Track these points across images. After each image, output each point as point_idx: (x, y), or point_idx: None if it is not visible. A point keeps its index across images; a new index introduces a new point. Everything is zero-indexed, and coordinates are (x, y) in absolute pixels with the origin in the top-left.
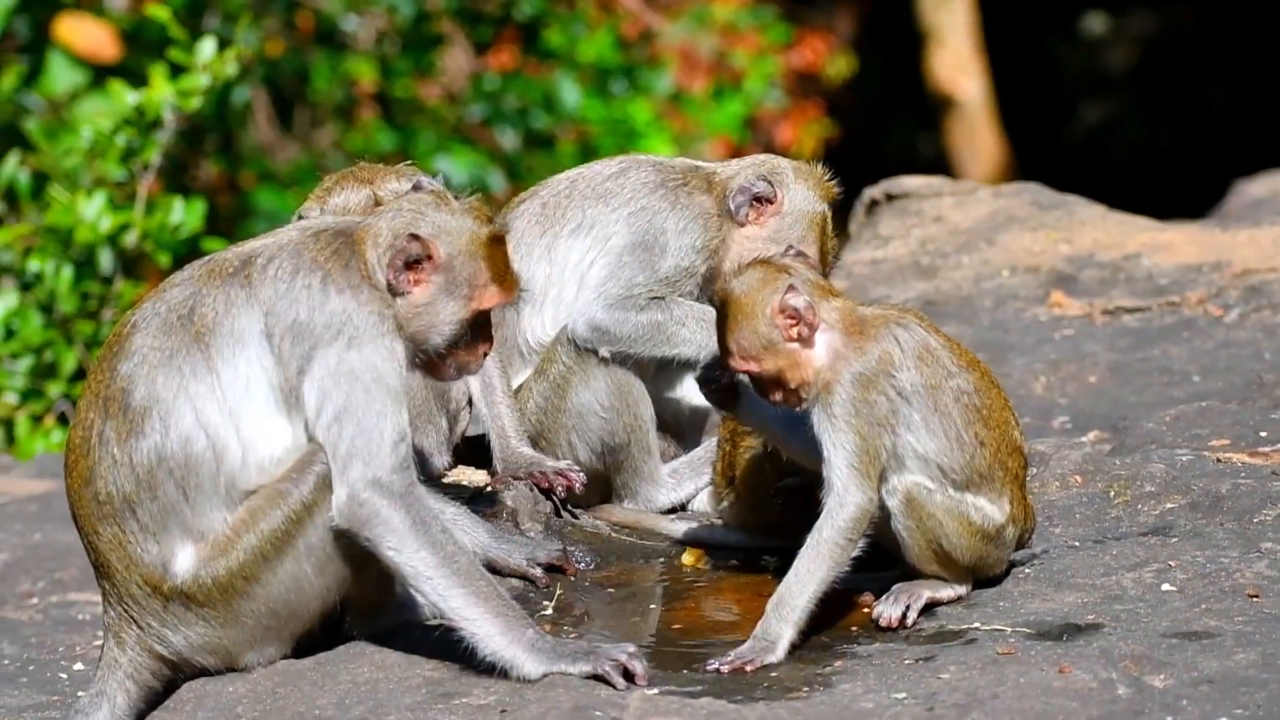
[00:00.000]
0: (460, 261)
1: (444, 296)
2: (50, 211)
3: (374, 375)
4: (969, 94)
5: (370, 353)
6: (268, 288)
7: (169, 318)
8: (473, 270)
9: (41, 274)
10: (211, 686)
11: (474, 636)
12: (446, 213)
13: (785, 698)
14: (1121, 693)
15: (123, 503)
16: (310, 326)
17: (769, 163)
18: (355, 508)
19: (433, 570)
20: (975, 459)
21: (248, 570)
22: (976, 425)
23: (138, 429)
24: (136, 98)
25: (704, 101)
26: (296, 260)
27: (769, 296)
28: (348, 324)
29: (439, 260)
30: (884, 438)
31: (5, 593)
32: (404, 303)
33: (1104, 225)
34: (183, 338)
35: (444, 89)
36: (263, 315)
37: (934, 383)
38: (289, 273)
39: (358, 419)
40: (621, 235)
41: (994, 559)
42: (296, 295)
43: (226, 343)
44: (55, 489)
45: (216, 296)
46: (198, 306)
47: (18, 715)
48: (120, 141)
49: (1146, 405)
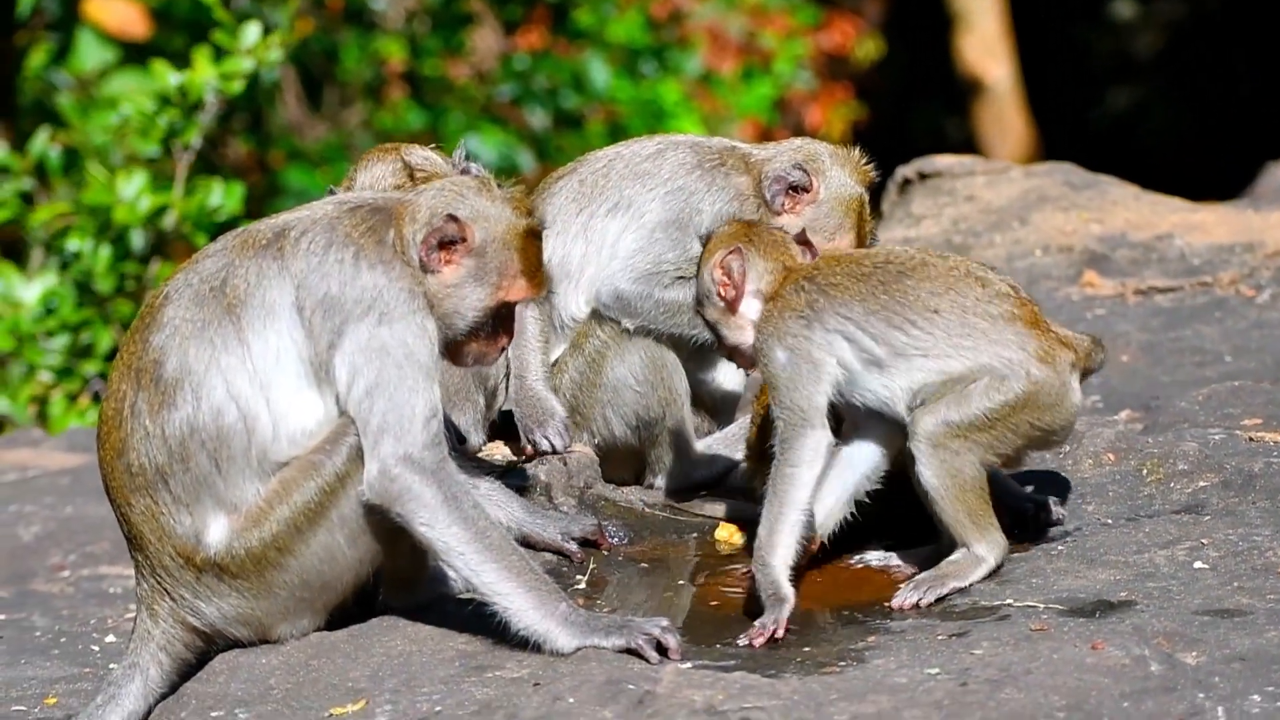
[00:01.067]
0: (493, 249)
1: (472, 281)
2: (88, 190)
3: (405, 351)
4: (997, 78)
5: (402, 329)
6: (300, 260)
7: (201, 289)
8: (504, 260)
9: (79, 253)
10: (244, 658)
11: (507, 611)
12: (487, 199)
13: (818, 672)
14: (1154, 669)
15: (155, 474)
16: (341, 301)
17: (806, 149)
18: (386, 483)
19: (465, 545)
20: (938, 327)
21: (281, 541)
22: (923, 298)
23: (170, 400)
24: (179, 79)
25: (733, 83)
26: (330, 234)
27: (716, 252)
28: (379, 299)
29: (473, 244)
30: (823, 382)
31: (36, 566)
32: (434, 281)
33: (1136, 206)
34: (215, 309)
35: (473, 68)
36: (294, 288)
37: (852, 292)
38: (322, 246)
39: (389, 394)
40: (656, 213)
41: (1044, 420)
42: (329, 269)
43: (258, 315)
44: (86, 462)
45: (249, 268)
46: (230, 278)
47: (49, 687)
48: (162, 123)
49: (1179, 384)
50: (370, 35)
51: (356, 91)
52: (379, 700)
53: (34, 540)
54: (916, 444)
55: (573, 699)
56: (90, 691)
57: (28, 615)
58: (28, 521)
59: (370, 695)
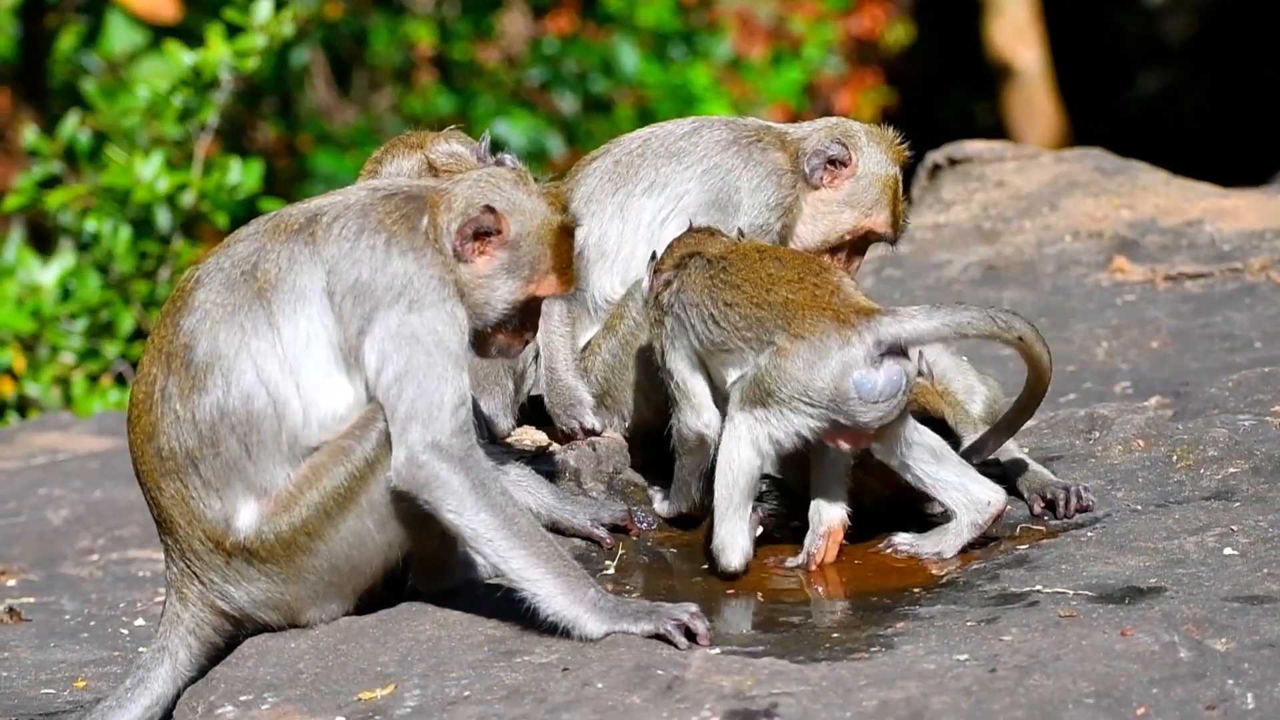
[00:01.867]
0: (528, 243)
1: (504, 274)
2: (107, 172)
3: (435, 339)
4: (1027, 62)
5: (432, 316)
6: (331, 246)
7: (232, 273)
8: (538, 254)
9: (99, 234)
10: (273, 642)
11: (535, 597)
12: (524, 192)
13: (847, 658)
14: (1183, 656)
15: (185, 458)
16: (372, 287)
17: (841, 125)
18: (414, 470)
19: (493, 532)
20: (733, 320)
21: (310, 526)
22: (724, 293)
23: (200, 385)
24: (193, 58)
25: (762, 67)
26: (362, 220)
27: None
28: (409, 286)
29: (507, 236)
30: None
31: (66, 549)
32: (466, 271)
33: (1166, 191)
34: (245, 293)
35: (503, 52)
36: (325, 274)
37: (683, 299)
38: (354, 232)
39: (418, 382)
40: (695, 194)
41: (811, 396)
42: (360, 255)
43: (288, 299)
44: (116, 446)
45: (280, 253)
46: (261, 262)
47: (79, 670)
48: (177, 102)
49: (1208, 371)
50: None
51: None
52: (407, 685)
53: (63, 524)
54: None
55: (601, 684)
56: (119, 675)
57: (57, 599)
58: (57, 505)
59: (399, 680)
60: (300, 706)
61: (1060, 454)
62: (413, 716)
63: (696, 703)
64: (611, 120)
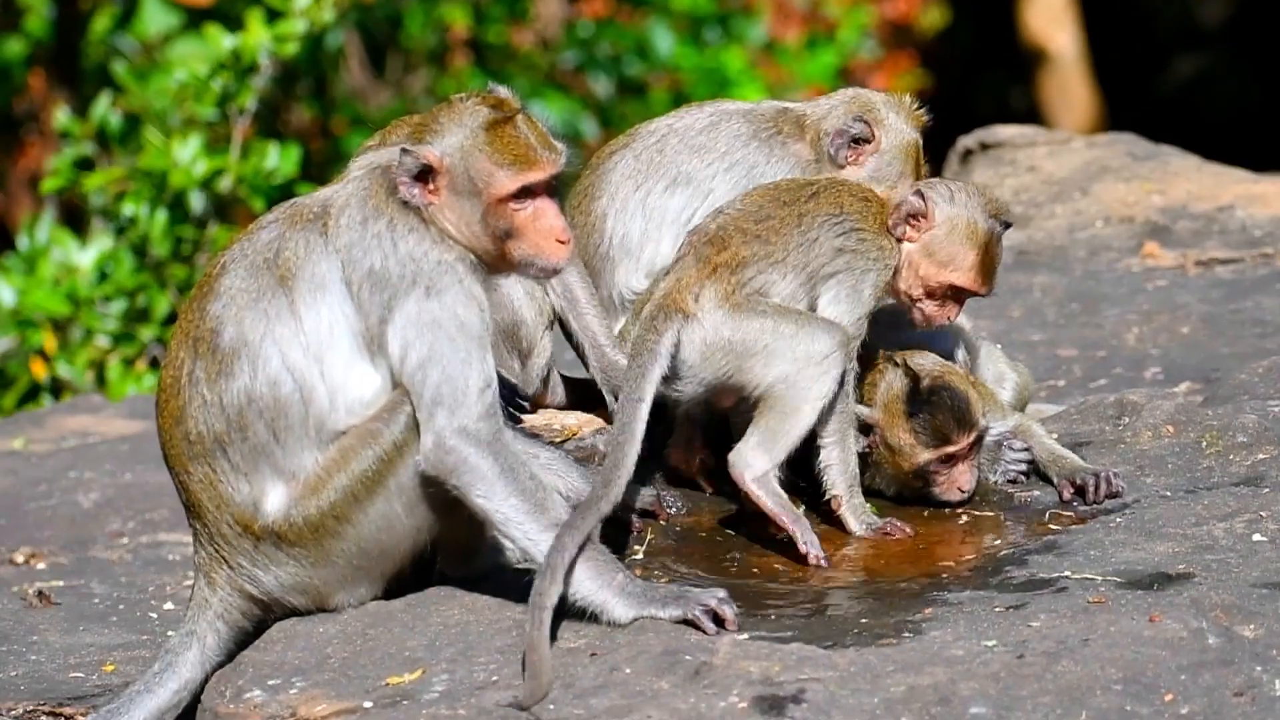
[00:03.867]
0: (456, 161)
1: (458, 200)
2: (144, 154)
3: (457, 323)
4: (1062, 46)
5: (451, 300)
6: (343, 236)
7: (256, 260)
8: (471, 165)
9: (135, 217)
10: (301, 626)
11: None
12: (450, 118)
13: (876, 644)
14: (1212, 642)
15: (214, 442)
16: (386, 275)
17: (859, 99)
18: (442, 455)
19: (522, 516)
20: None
21: (339, 509)
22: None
23: (227, 370)
24: (233, 42)
25: (797, 51)
26: (364, 208)
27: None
28: (422, 272)
29: (439, 168)
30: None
31: (96, 532)
32: (440, 218)
33: (1198, 176)
34: (268, 280)
35: (537, 35)
36: (340, 263)
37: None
38: (359, 221)
39: (442, 366)
40: (720, 192)
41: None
42: (369, 244)
43: (308, 288)
44: (146, 429)
45: (298, 241)
46: (282, 250)
47: (108, 654)
48: (216, 86)
49: (1239, 357)
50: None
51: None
52: (436, 670)
53: (93, 507)
54: None
55: (629, 669)
56: (148, 659)
57: (86, 582)
58: (87, 488)
59: (427, 664)
60: (328, 691)
61: (1089, 439)
62: (440, 701)
63: (724, 688)
64: (646, 103)
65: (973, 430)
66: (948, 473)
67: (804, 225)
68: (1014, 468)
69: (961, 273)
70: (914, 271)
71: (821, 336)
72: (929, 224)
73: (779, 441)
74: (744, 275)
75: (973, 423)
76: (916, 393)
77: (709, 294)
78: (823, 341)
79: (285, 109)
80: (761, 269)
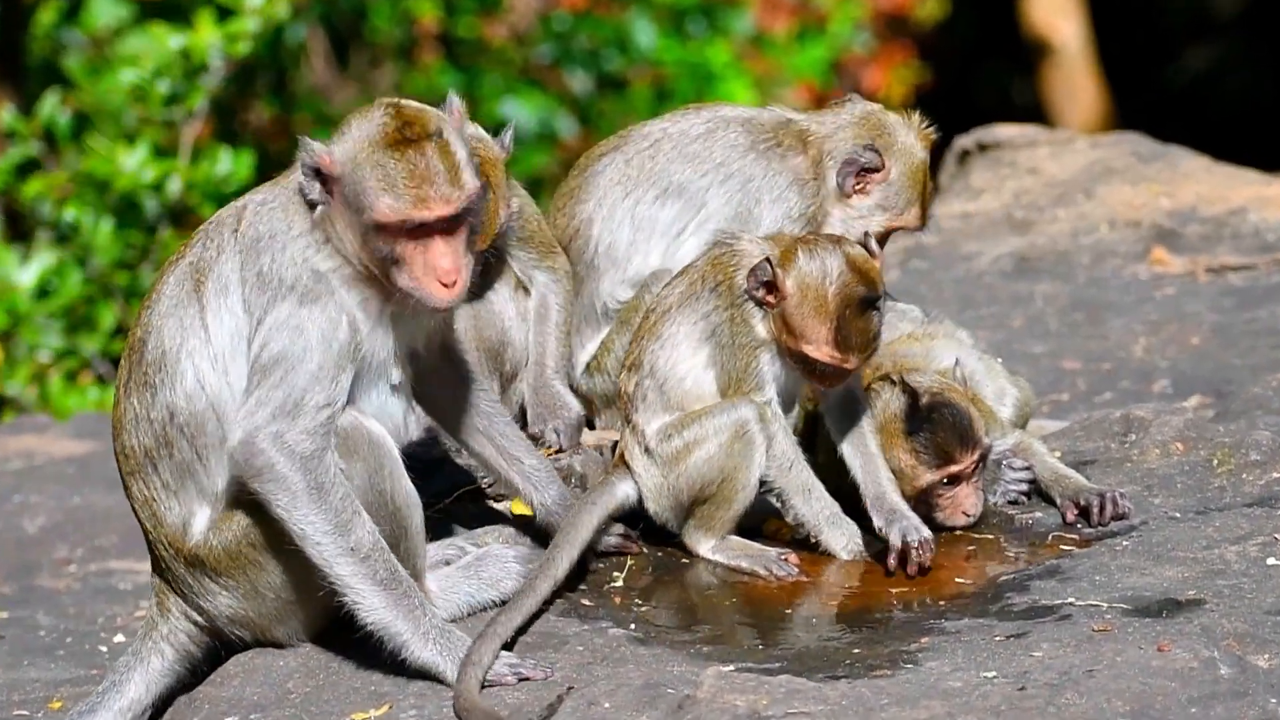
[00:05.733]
0: (348, 171)
1: (345, 210)
2: (87, 159)
3: (320, 335)
4: (1066, 38)
5: (319, 311)
6: (249, 233)
7: (183, 265)
8: (359, 180)
9: (78, 224)
10: (260, 659)
11: (357, 606)
12: (358, 123)
13: (868, 675)
14: (1224, 672)
15: (144, 458)
16: (269, 278)
17: (870, 120)
18: (250, 455)
19: (321, 535)
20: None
21: (254, 538)
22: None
23: (151, 381)
24: (180, 41)
25: (786, 44)
26: (273, 207)
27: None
28: (300, 279)
29: (330, 172)
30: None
31: (41, 560)
32: (330, 224)
33: (1208, 178)
34: (188, 287)
35: (511, 28)
36: (241, 262)
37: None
38: (264, 219)
39: (287, 371)
40: (713, 206)
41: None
42: (264, 244)
43: (215, 290)
44: (94, 450)
45: (214, 241)
46: (203, 253)
47: (54, 689)
48: (163, 88)
49: (1252, 369)
50: None
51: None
52: (403, 705)
53: (39, 533)
54: None
55: (609, 704)
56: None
57: (32, 613)
58: (33, 513)
59: (394, 699)
60: None
61: (1094, 458)
62: None
63: None
64: (626, 99)
65: (976, 448)
66: (951, 495)
67: (663, 326)
68: (1015, 488)
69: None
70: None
71: (726, 419)
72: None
73: (716, 519)
74: (644, 412)
75: (976, 440)
76: (915, 411)
77: (636, 453)
78: (732, 420)
79: (243, 107)
80: (646, 389)
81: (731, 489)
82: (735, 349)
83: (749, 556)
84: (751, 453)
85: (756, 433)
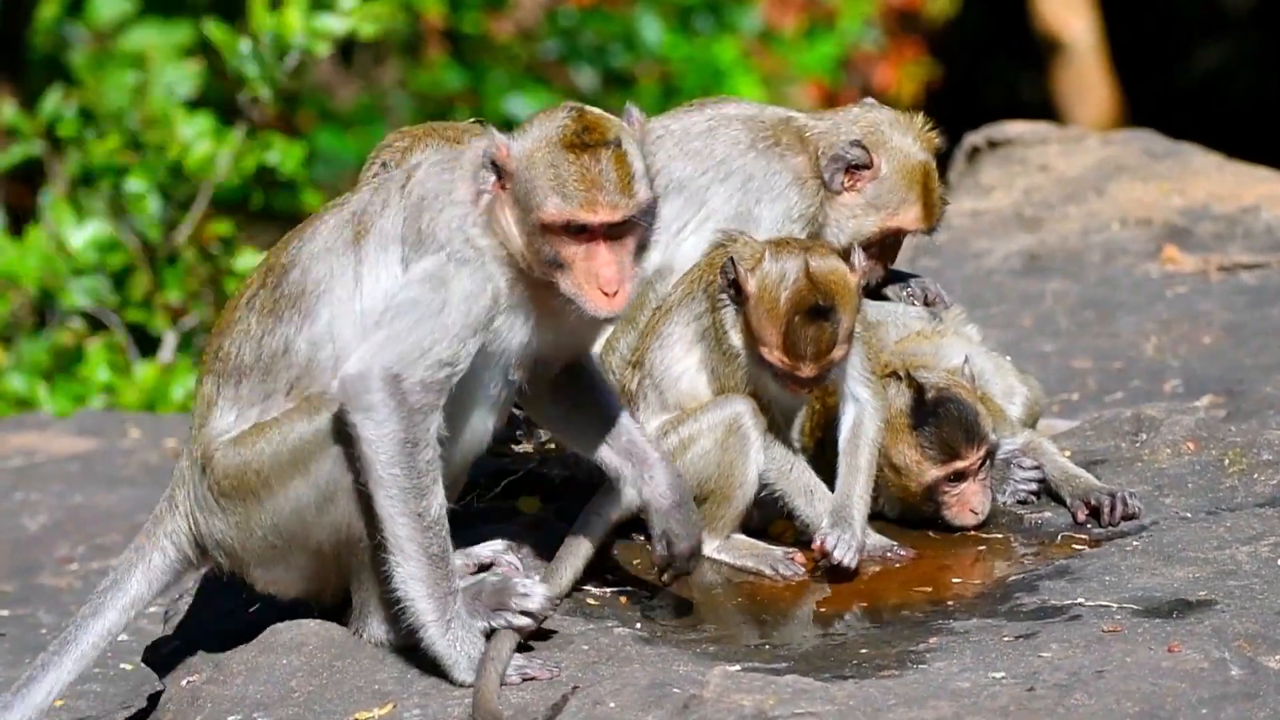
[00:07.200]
0: (523, 167)
1: (515, 206)
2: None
3: (463, 295)
4: (1077, 34)
5: (466, 276)
6: (416, 190)
7: (346, 212)
8: (532, 177)
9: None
10: (264, 658)
11: (398, 568)
12: (540, 121)
13: (876, 676)
14: (1235, 674)
15: (234, 369)
16: (427, 234)
17: (864, 119)
18: (362, 390)
19: (398, 489)
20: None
21: (263, 469)
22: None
23: (280, 311)
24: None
25: (794, 41)
26: (445, 169)
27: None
28: (454, 242)
29: (506, 166)
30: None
31: (43, 558)
32: (499, 214)
33: (1220, 175)
34: (346, 235)
35: (517, 24)
36: (404, 219)
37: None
38: (432, 180)
39: (419, 318)
40: (714, 204)
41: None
42: (429, 202)
43: (376, 245)
44: (97, 447)
45: (381, 195)
46: (369, 205)
47: None
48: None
49: (1264, 368)
50: None
51: (391, 48)
52: (407, 704)
53: (40, 531)
54: None
55: (614, 703)
56: (99, 693)
57: (33, 611)
58: (34, 511)
59: (398, 698)
60: None
61: (1104, 457)
62: None
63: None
64: (633, 96)
65: (982, 443)
66: (958, 492)
67: (663, 326)
68: (1024, 487)
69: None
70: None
71: (720, 414)
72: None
73: (718, 517)
74: (644, 411)
75: (982, 435)
76: (921, 406)
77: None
78: (725, 415)
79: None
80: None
81: (730, 485)
82: (721, 351)
83: (755, 556)
84: (747, 447)
85: (750, 427)
